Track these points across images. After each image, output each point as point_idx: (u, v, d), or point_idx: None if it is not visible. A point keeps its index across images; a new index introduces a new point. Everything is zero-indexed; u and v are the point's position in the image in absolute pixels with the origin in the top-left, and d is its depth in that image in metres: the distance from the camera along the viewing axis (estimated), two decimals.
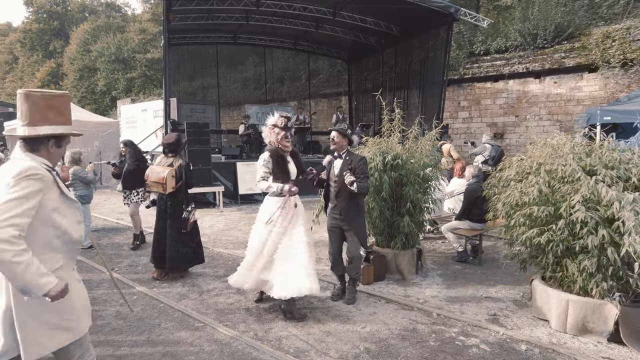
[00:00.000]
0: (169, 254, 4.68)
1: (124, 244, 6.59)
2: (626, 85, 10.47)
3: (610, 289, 3.22)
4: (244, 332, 3.51)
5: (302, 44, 15.90)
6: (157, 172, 4.66)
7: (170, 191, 4.63)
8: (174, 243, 4.68)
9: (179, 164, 4.71)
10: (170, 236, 4.68)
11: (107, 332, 3.54)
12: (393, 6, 10.50)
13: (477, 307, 4.03)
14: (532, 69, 12.20)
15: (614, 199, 2.92)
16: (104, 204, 10.39)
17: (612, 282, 3.16)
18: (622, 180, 3.04)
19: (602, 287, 3.19)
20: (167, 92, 11.05)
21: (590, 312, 3.29)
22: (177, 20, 11.81)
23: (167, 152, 4.86)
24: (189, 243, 4.80)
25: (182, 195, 4.76)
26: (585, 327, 3.34)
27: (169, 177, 4.57)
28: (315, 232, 6.55)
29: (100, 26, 34.05)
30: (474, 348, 3.25)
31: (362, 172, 3.90)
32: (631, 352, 3.15)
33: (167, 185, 4.56)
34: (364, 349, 3.23)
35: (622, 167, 3.07)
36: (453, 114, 13.82)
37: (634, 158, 3.11)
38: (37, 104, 1.89)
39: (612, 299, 3.20)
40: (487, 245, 6.13)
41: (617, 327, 3.18)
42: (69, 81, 33.62)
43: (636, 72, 10.31)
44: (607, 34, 10.90)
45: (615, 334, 3.21)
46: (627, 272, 3.13)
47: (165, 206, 4.75)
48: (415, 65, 12.61)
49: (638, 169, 3.02)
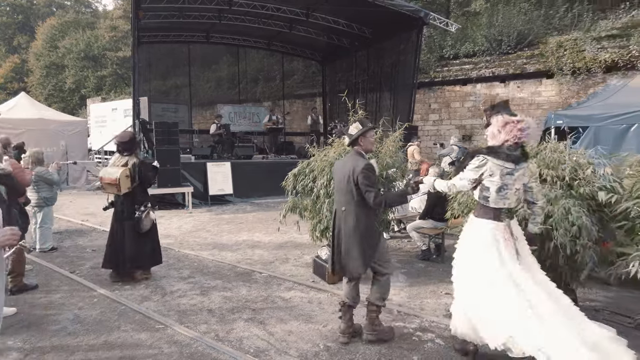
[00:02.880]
0: (128, 254, 4.60)
1: (88, 246, 6.43)
2: (576, 91, 11.11)
3: None
4: (205, 333, 3.51)
5: (276, 44, 15.88)
6: (110, 173, 4.55)
7: (125, 192, 4.52)
8: (132, 243, 4.60)
9: (133, 163, 4.59)
10: (129, 237, 4.60)
11: (62, 337, 3.46)
12: (365, 9, 10.65)
13: (436, 304, 4.16)
14: (497, 74, 12.63)
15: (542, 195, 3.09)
16: (69, 205, 10.08)
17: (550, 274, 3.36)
18: (559, 179, 3.23)
19: None
20: (137, 91, 10.83)
21: None
22: (148, 17, 11.59)
23: (122, 150, 4.73)
24: (148, 243, 4.72)
25: (140, 195, 4.67)
26: None
27: (123, 177, 4.46)
28: (284, 233, 6.62)
29: (69, 22, 32.92)
30: (429, 343, 3.36)
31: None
32: None
33: (122, 186, 4.45)
34: (324, 347, 3.28)
35: (559, 168, 3.27)
36: (424, 116, 14.12)
37: (567, 159, 3.31)
38: None
39: None
40: (449, 244, 6.28)
41: None
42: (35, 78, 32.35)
43: (583, 80, 10.98)
44: (560, 43, 11.53)
45: None
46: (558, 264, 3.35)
47: (122, 207, 4.66)
48: (387, 68, 12.81)
49: (570, 168, 3.23)
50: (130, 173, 4.55)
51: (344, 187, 3.26)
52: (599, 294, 4.26)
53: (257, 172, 10.96)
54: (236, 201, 10.44)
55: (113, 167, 4.68)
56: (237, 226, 7.83)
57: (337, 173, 3.42)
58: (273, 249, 6.20)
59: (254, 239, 6.82)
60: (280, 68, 17.91)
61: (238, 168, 10.61)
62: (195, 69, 16.70)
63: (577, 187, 3.13)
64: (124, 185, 4.49)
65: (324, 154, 5.18)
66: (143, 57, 12.86)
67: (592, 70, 10.77)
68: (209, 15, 12.70)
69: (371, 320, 3.35)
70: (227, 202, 10.34)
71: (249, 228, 7.66)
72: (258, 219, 8.45)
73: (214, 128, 12.30)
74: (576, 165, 3.24)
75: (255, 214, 9.13)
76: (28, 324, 3.70)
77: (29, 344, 3.34)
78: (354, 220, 3.22)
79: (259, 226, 7.79)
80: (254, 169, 11.08)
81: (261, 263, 5.55)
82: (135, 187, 4.61)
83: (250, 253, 6.02)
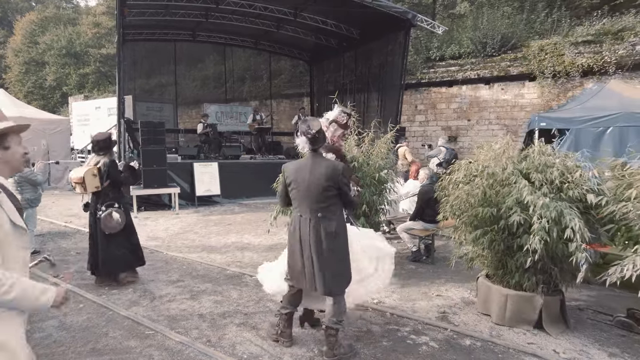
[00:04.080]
0: (102, 256, 4.50)
1: (72, 248, 6.26)
2: (556, 94, 11.41)
3: (538, 282, 3.53)
4: (196, 339, 3.45)
5: (263, 43, 15.79)
6: (78, 172, 4.47)
7: (93, 190, 4.44)
8: (105, 245, 4.50)
9: (104, 162, 4.50)
10: (101, 238, 4.49)
11: (47, 345, 3.35)
12: (353, 10, 10.67)
13: (429, 306, 4.19)
14: (482, 76, 12.83)
15: (530, 203, 3.17)
16: (51, 206, 9.82)
17: (540, 275, 3.48)
18: (548, 182, 3.29)
19: (532, 280, 3.51)
20: (121, 89, 10.61)
21: (523, 304, 3.59)
22: (133, 15, 11.37)
23: (97, 150, 4.63)
24: (123, 244, 4.61)
25: (113, 196, 4.56)
26: (519, 317, 3.62)
27: (88, 175, 4.37)
28: (274, 234, 6.56)
29: (49, 17, 32.09)
30: (423, 346, 3.37)
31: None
32: (547, 335, 3.52)
33: (87, 185, 4.37)
34: (318, 352, 3.26)
35: (548, 171, 3.33)
36: (410, 117, 14.23)
37: (556, 162, 3.38)
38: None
39: (540, 291, 3.52)
40: (439, 245, 6.37)
41: (541, 315, 3.52)
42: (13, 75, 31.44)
43: (562, 83, 11.27)
44: (541, 47, 11.81)
45: (538, 321, 3.55)
46: (550, 266, 3.44)
47: (95, 207, 4.56)
48: (375, 69, 12.87)
49: (559, 172, 3.29)
50: (100, 172, 4.46)
51: (316, 191, 2.96)
52: (582, 293, 4.37)
53: (245, 172, 10.86)
54: (224, 202, 10.33)
55: (85, 167, 4.58)
56: (226, 228, 7.74)
57: (304, 175, 3.03)
58: (263, 251, 6.15)
59: (243, 241, 6.76)
60: (268, 67, 17.82)
61: (225, 168, 10.50)
62: (180, 68, 16.47)
63: (567, 190, 3.18)
64: (90, 185, 4.40)
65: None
66: (127, 55, 12.59)
67: (570, 74, 11.08)
68: (196, 13, 12.56)
69: (330, 345, 3.06)
70: (214, 203, 10.23)
71: (238, 230, 7.58)
72: (247, 220, 8.38)
73: (200, 127, 12.14)
74: (564, 168, 3.30)
75: (243, 215, 9.05)
76: None
77: None
78: (335, 227, 2.98)
79: (247, 228, 7.72)
80: (242, 170, 10.98)
81: (251, 266, 5.49)
82: (106, 187, 4.51)
83: (240, 255, 5.96)
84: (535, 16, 13.48)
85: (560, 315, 3.60)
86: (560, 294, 3.64)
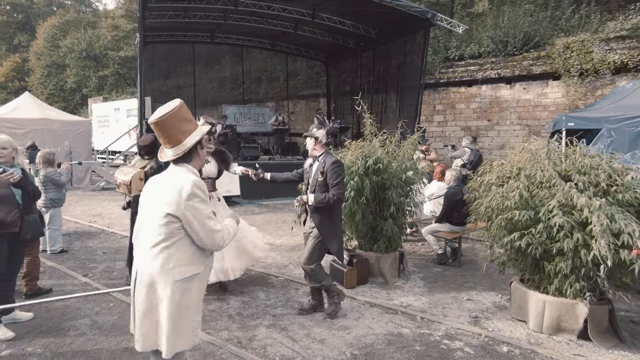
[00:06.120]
0: None
1: (98, 248, 6.35)
2: (583, 93, 11.05)
3: (582, 289, 3.37)
4: (227, 340, 3.44)
5: (280, 44, 15.81)
6: (125, 174, 4.52)
7: (136, 194, 4.48)
8: None
9: (151, 166, 4.53)
10: None
11: (82, 343, 3.38)
12: (372, 9, 10.59)
13: (459, 310, 4.10)
14: (503, 75, 12.58)
15: (583, 205, 3.05)
16: (75, 205, 9.98)
17: (584, 282, 3.31)
18: (593, 185, 3.16)
19: (575, 287, 3.35)
20: (142, 91, 10.74)
21: (564, 312, 3.44)
22: (153, 17, 11.52)
23: (143, 154, 4.70)
24: None
25: None
26: (559, 326, 3.47)
27: (135, 179, 4.41)
28: (296, 235, 6.54)
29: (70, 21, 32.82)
30: (458, 351, 3.30)
31: (333, 177, 3.65)
32: (595, 347, 3.33)
33: (133, 188, 4.41)
34: (351, 355, 3.22)
35: (592, 173, 3.20)
36: (429, 118, 14.07)
37: (602, 164, 3.24)
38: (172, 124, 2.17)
39: (584, 298, 3.35)
40: (465, 247, 6.26)
41: (586, 324, 3.35)
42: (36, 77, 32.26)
43: (591, 81, 10.91)
44: (567, 44, 11.49)
45: (584, 332, 3.38)
46: (596, 273, 3.28)
47: (136, 208, 4.59)
48: (393, 69, 12.76)
49: (606, 174, 3.16)
50: (146, 176, 4.49)
51: None
52: (634, 304, 4.09)
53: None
54: (243, 202, 10.36)
55: (130, 168, 4.62)
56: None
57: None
58: (286, 252, 6.14)
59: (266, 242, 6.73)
60: (284, 68, 17.83)
61: None
62: (198, 69, 16.59)
63: (614, 193, 3.05)
64: (135, 187, 4.44)
65: (340, 156, 5.11)
66: (147, 57, 12.76)
67: (600, 71, 10.71)
68: (215, 15, 12.63)
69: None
70: (234, 204, 10.25)
71: (259, 230, 7.53)
72: (267, 221, 8.38)
73: (219, 128, 12.20)
74: (611, 170, 3.17)
75: (263, 215, 9.05)
76: (46, 329, 3.62)
77: (49, 351, 3.26)
78: None
79: (269, 228, 7.71)
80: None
81: (275, 266, 5.49)
82: None
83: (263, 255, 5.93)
84: (561, 13, 13.12)
85: (610, 326, 3.43)
86: (608, 303, 3.46)
